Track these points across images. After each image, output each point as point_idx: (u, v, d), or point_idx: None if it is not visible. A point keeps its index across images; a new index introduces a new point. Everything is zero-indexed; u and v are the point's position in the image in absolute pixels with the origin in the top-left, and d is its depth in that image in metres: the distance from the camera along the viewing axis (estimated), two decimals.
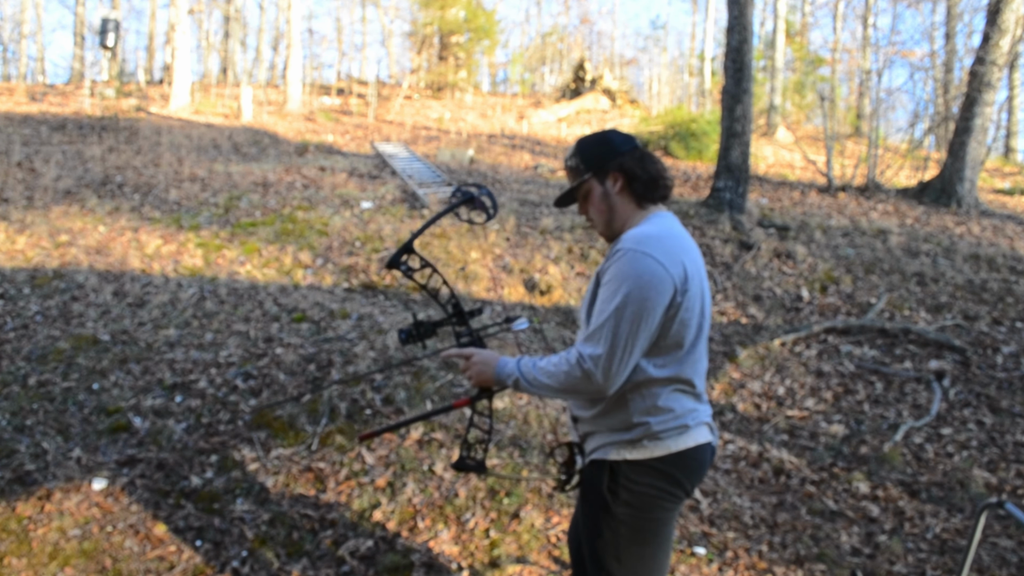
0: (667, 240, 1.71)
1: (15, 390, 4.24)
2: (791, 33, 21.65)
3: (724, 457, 4.19)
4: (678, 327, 1.71)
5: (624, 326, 1.64)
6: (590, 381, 1.68)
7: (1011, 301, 6.50)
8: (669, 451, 1.77)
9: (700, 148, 14.58)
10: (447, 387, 4.38)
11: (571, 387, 1.72)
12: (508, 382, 1.82)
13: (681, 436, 1.77)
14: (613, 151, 1.81)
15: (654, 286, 1.64)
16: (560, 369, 1.72)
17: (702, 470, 1.83)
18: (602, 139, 1.85)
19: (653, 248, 1.67)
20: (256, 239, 7.39)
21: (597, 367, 1.66)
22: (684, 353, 1.75)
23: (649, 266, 1.64)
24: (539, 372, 1.76)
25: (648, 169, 1.79)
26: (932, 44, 19.95)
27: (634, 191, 1.79)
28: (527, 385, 1.78)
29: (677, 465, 1.78)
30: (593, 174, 1.82)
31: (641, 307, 1.64)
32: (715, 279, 7.19)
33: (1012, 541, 3.36)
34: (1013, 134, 21.44)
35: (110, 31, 13.35)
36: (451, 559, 2.98)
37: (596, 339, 1.67)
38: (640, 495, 1.78)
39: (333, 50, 36.17)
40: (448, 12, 22.89)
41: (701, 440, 1.81)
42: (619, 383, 1.69)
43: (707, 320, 1.81)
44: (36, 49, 31.17)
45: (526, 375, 1.78)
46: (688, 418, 1.78)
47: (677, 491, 1.79)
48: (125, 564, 2.89)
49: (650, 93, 33.95)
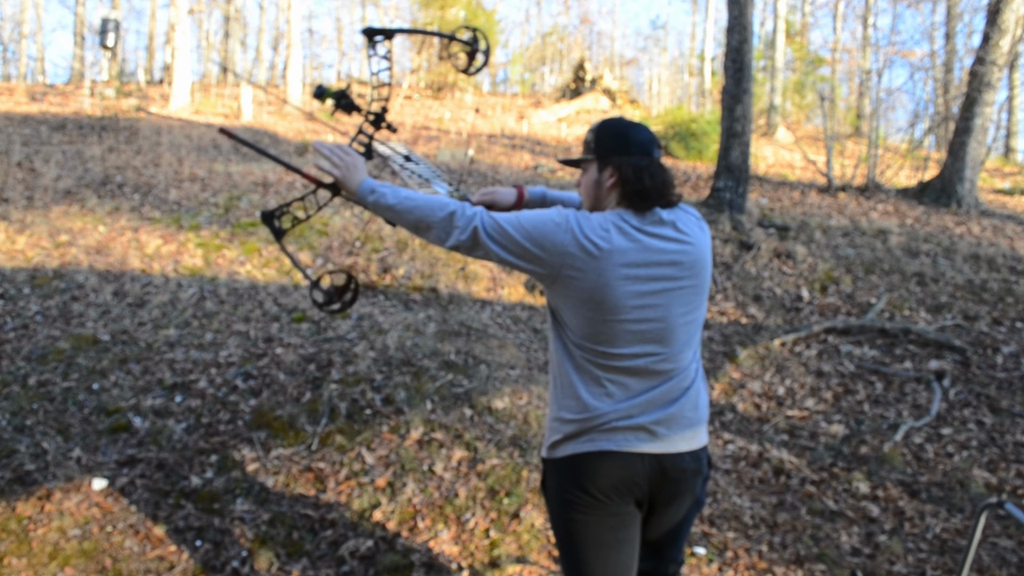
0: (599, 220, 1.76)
1: (15, 390, 4.24)
2: (791, 33, 21.65)
3: (724, 457, 4.19)
4: (588, 306, 1.70)
5: (515, 222, 1.73)
6: (451, 221, 1.75)
7: (1011, 301, 6.50)
8: (569, 453, 1.77)
9: (700, 148, 14.58)
10: (447, 387, 4.38)
11: (425, 216, 1.77)
12: (367, 193, 1.85)
13: (581, 439, 1.75)
14: (622, 148, 1.79)
15: (554, 218, 1.72)
16: (429, 199, 1.79)
17: (614, 478, 1.73)
18: (621, 133, 1.82)
19: (583, 215, 1.75)
20: (256, 239, 7.39)
21: (477, 216, 1.74)
22: (608, 347, 1.72)
23: (562, 212, 1.74)
24: (404, 194, 1.82)
25: (643, 181, 1.75)
26: (932, 44, 19.96)
27: (623, 193, 1.78)
28: (381, 198, 1.82)
29: (578, 468, 1.75)
30: (596, 159, 1.83)
31: (537, 220, 1.73)
32: (715, 279, 7.18)
33: (1012, 541, 3.36)
34: (1013, 134, 21.44)
35: (110, 31, 13.34)
36: (451, 559, 2.98)
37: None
38: (555, 494, 1.82)
39: (333, 50, 36.17)
40: (448, 12, 22.90)
41: (609, 447, 1.72)
42: (488, 247, 1.72)
43: (656, 322, 1.73)
44: (36, 49, 31.20)
45: (388, 191, 1.83)
46: (601, 419, 1.73)
47: (582, 495, 1.74)
48: (125, 564, 2.89)
49: (650, 93, 33.95)
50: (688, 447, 1.80)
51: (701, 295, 1.81)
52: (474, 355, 4.93)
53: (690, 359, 1.82)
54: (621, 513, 1.76)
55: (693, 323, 1.80)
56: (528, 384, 4.62)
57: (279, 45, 28.18)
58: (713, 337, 6.05)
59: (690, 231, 1.79)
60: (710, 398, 5.02)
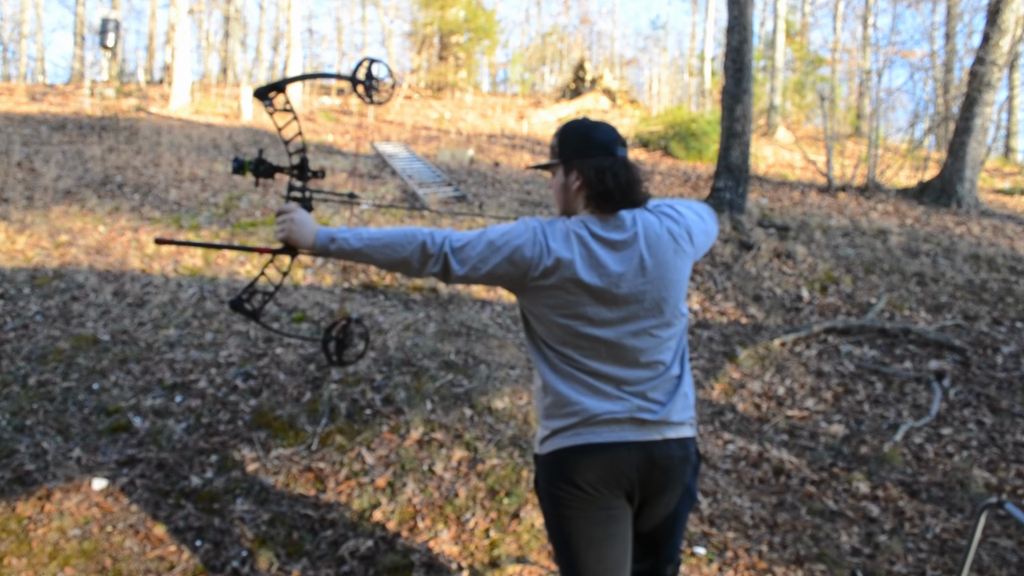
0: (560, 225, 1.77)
1: (15, 390, 4.24)
2: (791, 33, 21.65)
3: (724, 457, 4.19)
4: (552, 312, 1.73)
5: (485, 238, 1.73)
6: (423, 250, 1.72)
7: (1011, 301, 6.50)
8: (556, 447, 1.78)
9: (700, 148, 14.59)
10: (447, 387, 4.38)
11: (398, 252, 1.74)
12: (327, 243, 1.79)
13: (567, 434, 1.77)
14: (584, 150, 1.79)
15: (520, 230, 1.73)
16: (394, 233, 1.75)
17: (602, 470, 1.75)
18: (583, 134, 1.82)
19: (549, 223, 1.75)
20: (256, 239, 7.39)
21: (446, 242, 1.72)
22: (579, 353, 1.74)
23: (528, 222, 1.74)
24: (368, 234, 1.76)
25: (606, 182, 1.74)
26: (932, 44, 19.96)
27: (589, 196, 1.77)
28: (344, 244, 1.76)
29: (565, 463, 1.77)
30: (561, 163, 1.83)
31: (505, 238, 1.72)
32: (715, 279, 7.19)
33: (1012, 541, 3.36)
34: (1013, 134, 21.45)
35: (110, 31, 13.35)
36: (451, 559, 2.98)
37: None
38: (545, 492, 1.83)
39: (333, 50, 36.15)
40: (448, 12, 22.91)
41: (594, 440, 1.75)
42: (456, 272, 1.72)
43: (618, 326, 1.74)
44: (36, 49, 31.21)
45: (350, 235, 1.77)
46: (585, 414, 1.75)
47: (571, 489, 1.76)
48: (125, 564, 2.89)
49: (650, 93, 33.95)
50: (675, 435, 1.80)
51: (670, 290, 1.78)
52: (474, 355, 4.93)
53: (666, 351, 1.82)
54: (611, 507, 1.77)
55: (658, 325, 1.79)
56: (528, 384, 4.63)
57: (279, 45, 28.20)
58: (713, 337, 6.05)
59: (652, 236, 1.76)
60: (710, 398, 5.02)
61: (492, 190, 10.51)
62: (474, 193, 10.16)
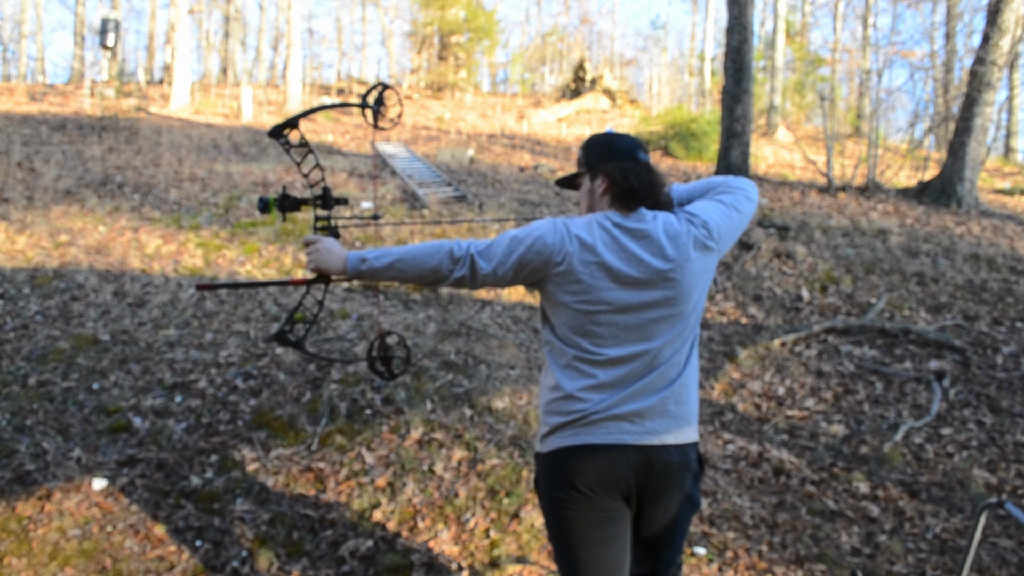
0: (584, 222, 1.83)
1: (15, 390, 4.24)
2: (791, 33, 21.65)
3: (724, 457, 4.19)
4: (573, 299, 1.76)
5: (507, 236, 1.81)
6: (452, 255, 1.80)
7: (1011, 301, 6.50)
8: (555, 447, 1.80)
9: (700, 148, 14.59)
10: (447, 387, 4.38)
11: (426, 262, 1.81)
12: (358, 265, 1.86)
13: (566, 432, 1.79)
14: (608, 156, 1.88)
15: (541, 224, 1.81)
16: (421, 247, 1.82)
17: (599, 472, 1.76)
18: (605, 142, 1.91)
19: (569, 217, 1.82)
20: (256, 239, 7.39)
21: (471, 246, 1.80)
22: (591, 342, 1.77)
23: (549, 219, 1.83)
24: (396, 251, 1.84)
25: (630, 180, 1.82)
26: (932, 44, 19.97)
27: (614, 196, 1.84)
28: (376, 262, 1.83)
29: (563, 463, 1.79)
30: (587, 170, 1.91)
31: (526, 231, 1.80)
32: (715, 279, 7.19)
33: (1012, 541, 3.36)
34: (1013, 134, 21.46)
35: (110, 31, 13.35)
36: (451, 559, 2.98)
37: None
38: (544, 492, 1.85)
39: (333, 50, 36.19)
40: (448, 12, 22.91)
41: (592, 441, 1.76)
42: (483, 271, 1.79)
43: (637, 313, 1.77)
44: (36, 49, 31.21)
45: (380, 254, 1.84)
46: (584, 412, 1.77)
47: (569, 490, 1.77)
48: (125, 564, 2.89)
49: (650, 93, 33.97)
50: (674, 440, 1.80)
51: (680, 289, 1.79)
52: (474, 355, 4.93)
53: (676, 351, 1.81)
54: (608, 509, 1.79)
55: (673, 317, 1.80)
56: (528, 384, 4.63)
57: (279, 45, 28.21)
58: (713, 337, 6.05)
59: (672, 230, 1.80)
60: (710, 398, 5.02)
61: (492, 190, 10.51)
62: (474, 193, 10.16)
